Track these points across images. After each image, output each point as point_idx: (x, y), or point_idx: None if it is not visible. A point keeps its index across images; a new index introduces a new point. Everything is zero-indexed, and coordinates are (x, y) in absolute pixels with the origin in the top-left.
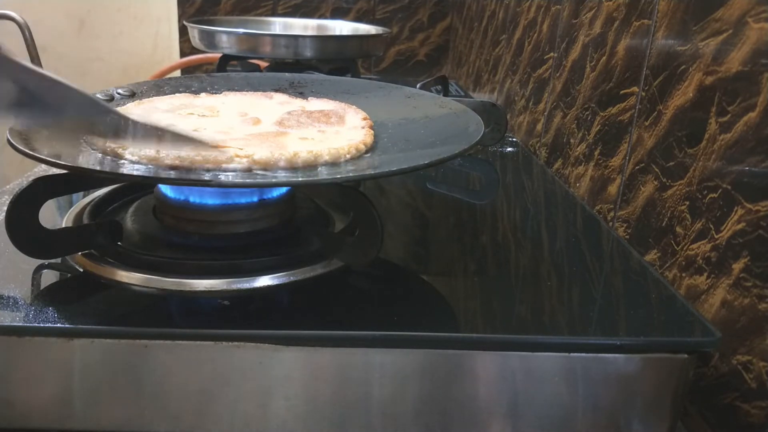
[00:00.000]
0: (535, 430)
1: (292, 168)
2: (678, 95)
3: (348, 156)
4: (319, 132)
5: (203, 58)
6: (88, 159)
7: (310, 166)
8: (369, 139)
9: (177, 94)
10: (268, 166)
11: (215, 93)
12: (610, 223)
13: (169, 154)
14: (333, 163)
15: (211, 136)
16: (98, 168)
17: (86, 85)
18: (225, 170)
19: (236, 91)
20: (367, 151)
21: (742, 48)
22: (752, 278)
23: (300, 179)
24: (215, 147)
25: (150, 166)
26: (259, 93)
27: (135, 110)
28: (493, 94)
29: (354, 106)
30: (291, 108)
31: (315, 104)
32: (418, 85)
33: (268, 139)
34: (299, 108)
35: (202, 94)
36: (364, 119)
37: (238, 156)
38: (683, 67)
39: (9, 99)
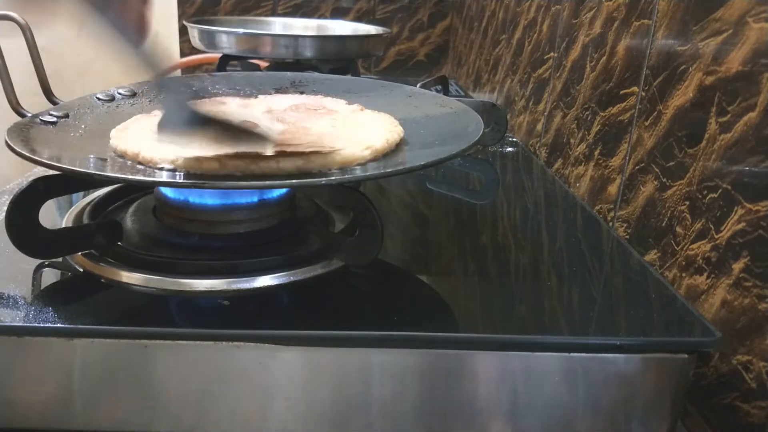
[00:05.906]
0: (535, 430)
1: (375, 159)
2: (678, 95)
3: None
4: (331, 120)
5: (203, 58)
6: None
7: (389, 153)
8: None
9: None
10: (352, 162)
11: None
12: (610, 223)
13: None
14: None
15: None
16: (96, 171)
17: (86, 85)
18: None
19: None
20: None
21: (742, 48)
22: (752, 278)
23: (300, 180)
24: (280, 145)
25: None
26: (206, 99)
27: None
28: (493, 94)
29: (320, 95)
30: (259, 108)
31: (280, 101)
32: (418, 85)
33: (297, 136)
34: (267, 107)
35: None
36: (348, 103)
37: (332, 152)
38: (683, 67)
39: None
